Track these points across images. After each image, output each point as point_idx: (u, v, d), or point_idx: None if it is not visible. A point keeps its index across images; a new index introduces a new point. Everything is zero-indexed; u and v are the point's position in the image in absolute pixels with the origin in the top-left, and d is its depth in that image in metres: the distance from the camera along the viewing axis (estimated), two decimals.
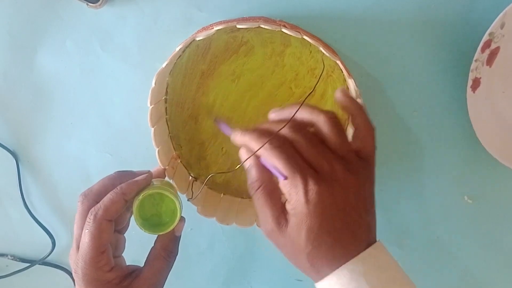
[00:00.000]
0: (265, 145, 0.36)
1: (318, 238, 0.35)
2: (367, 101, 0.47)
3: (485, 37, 0.44)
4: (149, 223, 0.43)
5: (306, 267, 0.37)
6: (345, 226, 0.35)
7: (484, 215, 0.55)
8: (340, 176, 0.36)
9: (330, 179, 0.36)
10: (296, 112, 0.38)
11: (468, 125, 0.48)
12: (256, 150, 0.37)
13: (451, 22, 0.47)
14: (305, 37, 0.41)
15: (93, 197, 0.42)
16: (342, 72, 0.45)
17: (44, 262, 0.58)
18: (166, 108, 0.49)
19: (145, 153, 0.53)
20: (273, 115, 0.41)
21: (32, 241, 0.57)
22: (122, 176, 0.44)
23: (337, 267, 0.35)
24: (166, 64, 0.42)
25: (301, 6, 0.47)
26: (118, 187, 0.41)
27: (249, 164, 0.38)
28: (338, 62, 0.42)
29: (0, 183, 0.55)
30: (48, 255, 0.57)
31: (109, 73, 0.50)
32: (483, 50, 0.45)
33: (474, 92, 0.47)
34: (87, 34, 0.49)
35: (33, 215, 0.55)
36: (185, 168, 0.52)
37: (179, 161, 0.51)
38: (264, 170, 0.38)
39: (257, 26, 0.41)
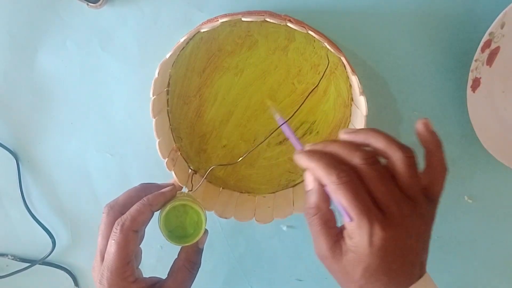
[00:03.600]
0: (333, 178, 0.34)
1: (374, 276, 0.35)
2: (366, 100, 0.47)
3: (485, 37, 0.44)
4: (174, 235, 0.43)
5: None
6: (402, 266, 0.35)
7: (484, 215, 0.55)
8: (406, 221, 0.35)
9: (397, 223, 0.34)
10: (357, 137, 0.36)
11: (468, 125, 0.48)
12: (322, 180, 0.35)
13: (451, 22, 0.47)
14: (310, 32, 0.41)
15: (119, 209, 0.42)
16: (346, 69, 0.45)
17: (44, 262, 0.58)
18: (167, 100, 0.49)
19: (145, 152, 0.53)
20: (345, 136, 0.38)
21: (32, 241, 0.57)
22: (147, 188, 0.44)
23: None
24: (170, 55, 0.42)
25: (301, 3, 0.47)
26: (145, 198, 0.42)
27: (311, 188, 0.37)
28: (342, 58, 0.42)
29: (0, 183, 0.55)
30: (48, 255, 0.57)
31: (109, 73, 0.50)
32: (483, 50, 0.45)
33: (474, 92, 0.47)
34: (87, 34, 0.49)
35: (33, 215, 0.55)
36: (185, 160, 0.52)
37: (179, 153, 0.51)
38: (324, 199, 0.37)
39: (263, 19, 0.41)
